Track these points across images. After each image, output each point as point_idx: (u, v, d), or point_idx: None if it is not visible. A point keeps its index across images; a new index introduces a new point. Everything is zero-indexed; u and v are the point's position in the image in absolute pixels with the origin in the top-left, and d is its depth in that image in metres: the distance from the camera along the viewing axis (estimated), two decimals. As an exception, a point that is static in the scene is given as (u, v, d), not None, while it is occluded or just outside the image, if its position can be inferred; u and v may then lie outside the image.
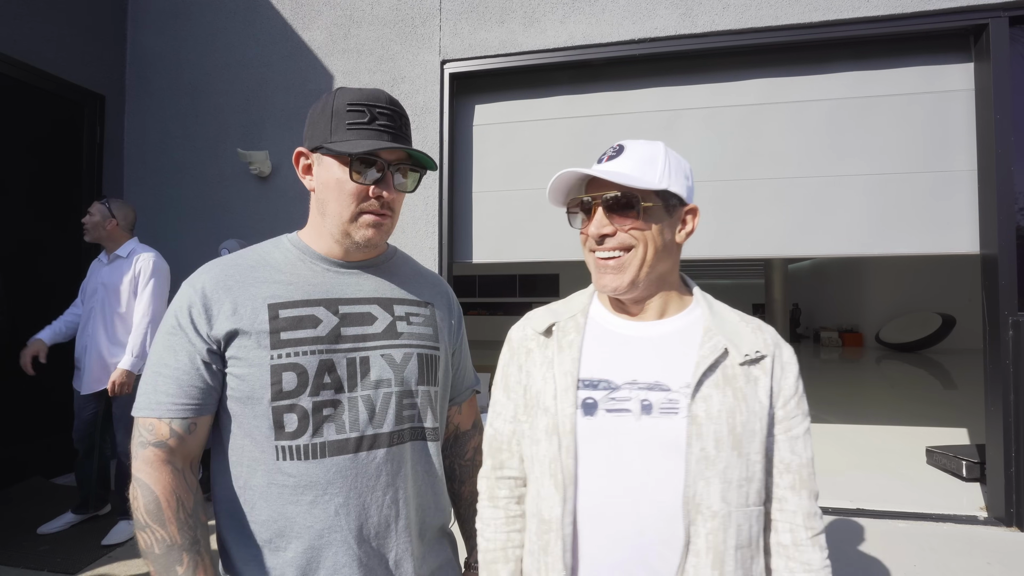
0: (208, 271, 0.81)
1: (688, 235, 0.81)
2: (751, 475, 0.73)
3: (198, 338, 0.76)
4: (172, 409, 0.75)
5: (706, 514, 0.71)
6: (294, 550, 0.77)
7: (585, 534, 0.75)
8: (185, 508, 0.74)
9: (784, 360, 0.79)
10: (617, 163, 0.78)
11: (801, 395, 0.78)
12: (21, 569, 2.34)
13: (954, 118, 2.81)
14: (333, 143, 0.79)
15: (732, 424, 0.73)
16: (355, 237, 0.83)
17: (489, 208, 3.40)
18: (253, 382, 0.76)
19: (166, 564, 0.72)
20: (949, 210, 2.81)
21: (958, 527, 2.63)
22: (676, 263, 0.84)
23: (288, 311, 0.79)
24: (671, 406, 0.74)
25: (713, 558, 0.71)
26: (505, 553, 0.85)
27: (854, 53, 2.91)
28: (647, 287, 0.80)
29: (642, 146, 0.80)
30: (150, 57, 3.77)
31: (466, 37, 3.26)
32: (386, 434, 0.82)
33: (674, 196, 0.79)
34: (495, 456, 0.89)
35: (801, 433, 0.78)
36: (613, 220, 0.77)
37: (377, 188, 0.82)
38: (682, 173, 0.80)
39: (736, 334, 0.78)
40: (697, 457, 0.71)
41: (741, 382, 0.75)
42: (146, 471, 0.74)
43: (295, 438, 0.77)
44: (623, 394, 0.76)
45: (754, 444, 0.74)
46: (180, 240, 3.61)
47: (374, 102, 0.81)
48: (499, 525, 0.87)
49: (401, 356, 0.85)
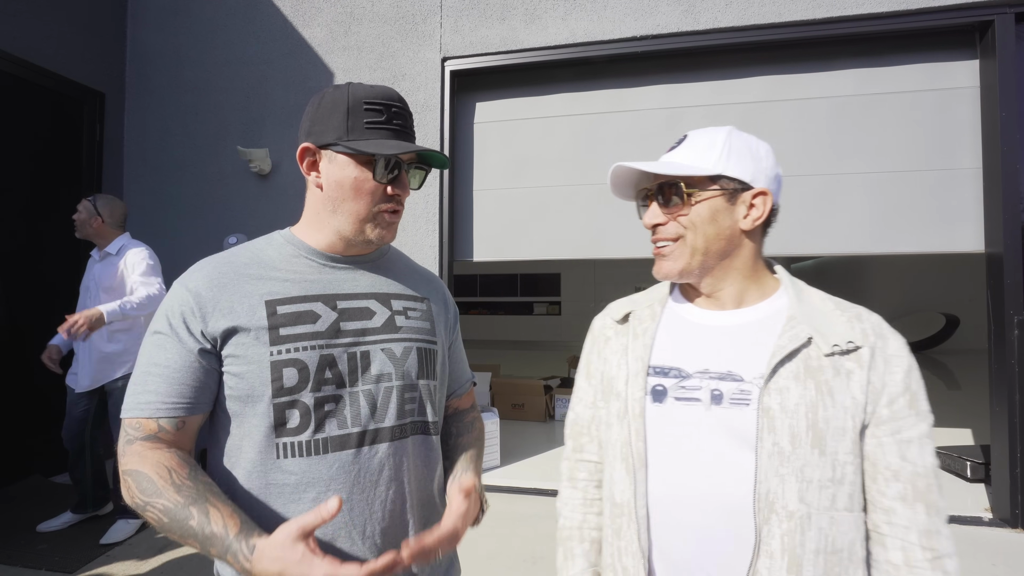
0: (200, 269, 0.80)
1: (758, 220, 0.76)
2: (839, 477, 0.68)
3: (190, 337, 0.75)
4: (161, 408, 0.74)
5: (782, 514, 0.67)
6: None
7: (656, 521, 0.75)
8: (177, 474, 0.72)
9: (889, 353, 0.71)
10: (676, 152, 0.79)
11: (916, 394, 0.70)
12: (19, 568, 2.33)
13: (959, 116, 2.79)
14: (352, 141, 0.78)
15: (813, 419, 0.68)
16: (370, 235, 0.83)
17: (490, 206, 3.38)
18: (253, 379, 0.75)
19: (180, 527, 0.70)
20: (954, 208, 2.79)
21: (962, 528, 2.61)
22: (749, 250, 0.78)
23: (286, 307, 0.78)
24: (743, 397, 0.72)
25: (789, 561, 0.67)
26: (581, 532, 0.89)
27: (858, 50, 2.89)
28: (709, 275, 0.79)
29: (703, 133, 0.79)
30: (150, 54, 3.76)
31: (467, 34, 3.24)
32: (388, 428, 0.81)
33: (734, 180, 0.75)
34: (576, 439, 0.93)
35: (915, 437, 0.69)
36: (664, 210, 0.78)
37: (395, 188, 0.82)
38: (748, 155, 0.76)
39: (826, 323, 0.73)
40: (769, 452, 0.68)
41: (828, 375, 0.70)
42: (134, 461, 0.72)
43: (297, 434, 0.76)
44: (693, 383, 0.75)
45: (843, 443, 0.68)
46: (180, 238, 3.60)
47: (390, 101, 0.81)
48: (576, 505, 0.91)
49: (401, 350, 0.85)
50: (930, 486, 0.68)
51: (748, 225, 0.76)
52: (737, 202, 0.76)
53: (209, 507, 0.70)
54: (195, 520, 0.69)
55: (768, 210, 0.76)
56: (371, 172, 0.79)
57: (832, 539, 0.67)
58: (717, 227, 0.76)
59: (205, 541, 0.68)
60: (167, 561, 2.40)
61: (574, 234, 3.25)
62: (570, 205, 3.25)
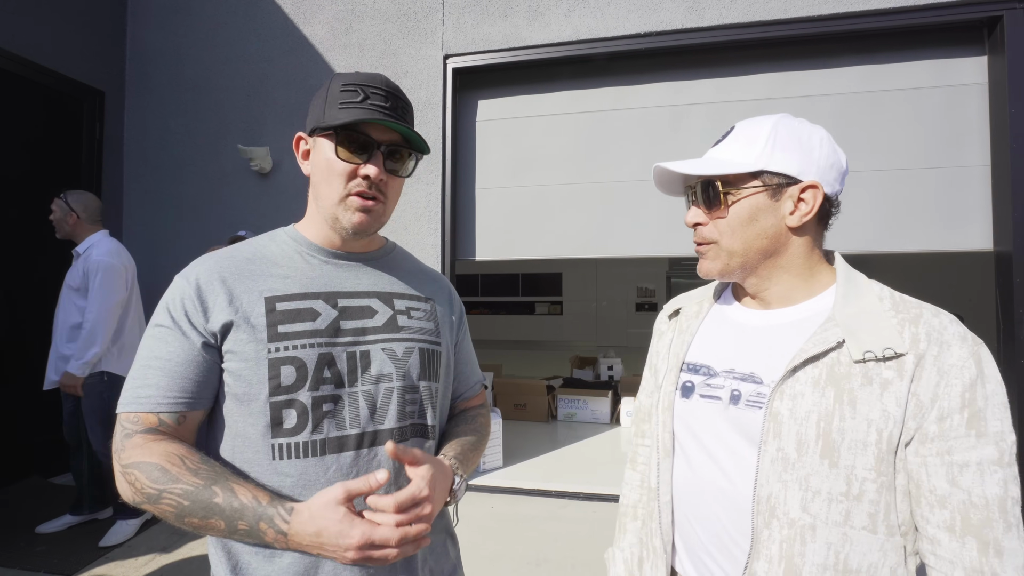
0: (202, 263, 0.78)
1: (807, 216, 0.71)
2: (856, 493, 0.63)
3: (193, 330, 0.73)
4: (163, 403, 0.72)
5: (783, 520, 0.66)
6: (292, 555, 0.73)
7: (678, 507, 0.79)
8: (190, 459, 0.70)
9: (948, 363, 0.62)
10: (719, 148, 0.77)
11: (980, 412, 0.60)
12: (17, 570, 2.31)
13: (967, 112, 2.76)
14: (324, 122, 0.77)
15: (825, 429, 0.64)
16: (343, 221, 0.79)
17: (492, 205, 3.35)
18: (250, 377, 0.73)
19: (203, 508, 0.66)
20: (961, 206, 2.75)
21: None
22: (800, 247, 0.74)
23: (285, 304, 0.77)
24: (758, 399, 0.71)
25: (786, 569, 0.65)
26: (634, 511, 0.95)
27: (864, 46, 2.86)
28: (753, 274, 0.77)
29: (749, 125, 0.75)
30: (150, 52, 3.73)
31: (469, 31, 3.22)
32: (387, 430, 0.79)
33: (778, 175, 0.71)
34: (638, 425, 0.99)
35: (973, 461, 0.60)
36: (705, 210, 0.77)
37: (364, 168, 0.77)
38: (795, 146, 0.71)
39: (868, 326, 0.66)
40: (772, 457, 0.67)
41: (855, 383, 0.64)
42: (138, 454, 0.69)
43: (293, 435, 0.74)
44: (718, 381, 0.77)
45: (863, 458, 0.63)
46: (180, 237, 3.57)
47: (368, 83, 0.79)
48: (634, 486, 0.97)
49: (403, 350, 0.83)
50: (989, 521, 0.58)
51: (796, 222, 0.72)
52: (783, 198, 0.72)
53: (233, 484, 0.68)
54: (220, 497, 0.66)
55: (818, 204, 0.71)
56: (341, 151, 0.77)
57: (844, 557, 0.63)
58: (758, 227, 0.73)
59: (233, 515, 0.66)
60: (165, 564, 2.37)
61: (577, 233, 3.23)
62: (573, 204, 3.23)
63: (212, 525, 0.67)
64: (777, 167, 0.71)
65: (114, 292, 2.53)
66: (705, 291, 0.91)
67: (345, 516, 0.64)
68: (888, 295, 0.72)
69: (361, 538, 0.63)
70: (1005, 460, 0.60)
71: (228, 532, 0.67)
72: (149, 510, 0.69)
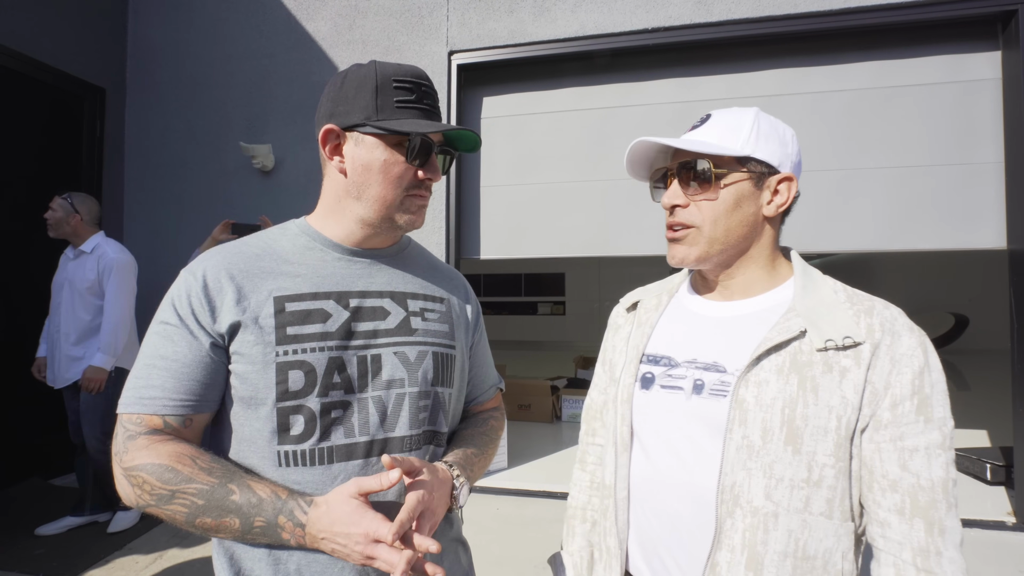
0: (210, 258, 0.74)
1: (781, 207, 0.74)
2: (815, 479, 0.64)
3: (200, 329, 0.70)
4: (168, 405, 0.68)
5: (746, 508, 0.66)
6: (296, 562, 0.70)
7: (634, 503, 0.77)
8: (202, 459, 0.68)
9: (899, 353, 0.65)
10: (699, 131, 0.76)
11: (928, 398, 0.64)
12: (17, 573, 2.28)
13: (980, 108, 2.71)
14: (382, 121, 0.73)
15: (790, 416, 0.65)
16: (399, 221, 0.78)
17: (497, 203, 3.32)
18: (256, 381, 0.70)
19: (219, 506, 0.64)
20: (974, 204, 2.71)
21: (985, 533, 2.54)
22: (768, 238, 0.76)
23: (295, 304, 0.73)
24: (722, 388, 0.71)
25: (749, 558, 0.65)
26: (583, 513, 0.93)
27: (875, 42, 2.82)
28: (725, 263, 0.77)
29: (730, 113, 0.76)
30: (151, 49, 3.70)
31: (474, 27, 3.18)
32: (398, 438, 0.76)
33: (761, 164, 0.72)
34: (588, 423, 0.96)
35: (921, 446, 0.63)
36: (687, 191, 0.75)
37: (426, 171, 0.76)
38: (775, 139, 0.73)
39: (827, 316, 0.69)
40: (738, 444, 0.67)
41: (816, 371, 0.66)
42: (144, 455, 0.66)
43: (300, 442, 0.70)
44: (680, 372, 0.76)
45: (823, 444, 0.65)
46: (182, 236, 3.53)
47: (419, 79, 0.76)
48: (583, 487, 0.95)
49: (415, 354, 0.79)
50: (934, 502, 0.62)
51: (771, 211, 0.74)
52: (763, 187, 0.74)
53: (249, 481, 0.66)
54: (237, 495, 0.65)
55: (792, 197, 0.74)
56: (402, 154, 0.74)
57: (804, 544, 0.64)
58: (741, 213, 0.74)
59: (251, 512, 0.64)
60: (168, 567, 2.34)
61: (583, 231, 3.19)
62: (579, 202, 3.19)
63: (226, 525, 0.65)
64: (762, 155, 0.72)
65: (132, 288, 2.63)
66: (664, 284, 0.90)
67: (358, 507, 0.64)
68: (841, 288, 0.74)
69: (369, 527, 0.62)
70: (947, 444, 0.64)
71: (242, 531, 0.65)
72: (155, 514, 0.66)
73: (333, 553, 0.65)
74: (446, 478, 0.76)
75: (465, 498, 0.78)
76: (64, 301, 2.59)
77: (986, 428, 4.33)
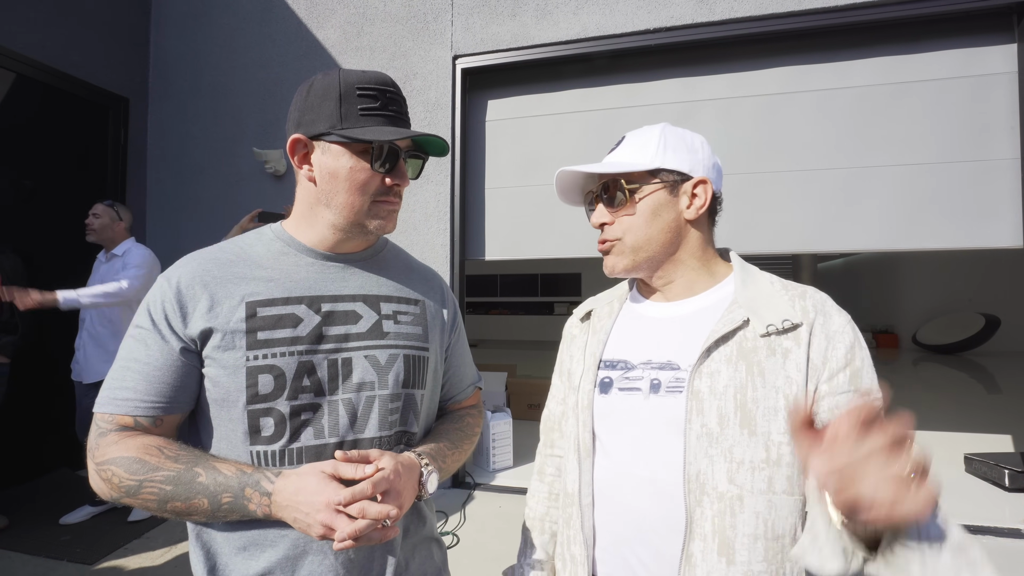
0: (185, 265, 0.77)
1: (701, 209, 0.78)
2: (774, 458, 0.67)
3: (172, 334, 0.73)
4: (140, 406, 0.72)
5: (712, 495, 0.68)
6: (267, 559, 0.73)
7: (599, 508, 0.78)
8: (169, 449, 0.71)
9: (832, 330, 0.70)
10: (614, 154, 0.82)
11: (859, 369, 0.68)
12: (43, 558, 2.41)
13: (994, 103, 2.63)
14: (346, 129, 0.74)
15: (742, 400, 0.68)
16: (369, 227, 0.80)
17: (502, 205, 3.35)
18: (228, 384, 0.73)
19: (186, 489, 0.68)
20: (989, 201, 2.63)
21: (1001, 541, 2.46)
22: (696, 240, 0.80)
23: (267, 309, 0.75)
24: (678, 384, 0.73)
25: (720, 543, 0.67)
26: (542, 524, 0.95)
27: (883, 37, 2.76)
28: (659, 268, 0.81)
29: (639, 132, 0.82)
30: (171, 59, 3.85)
31: (478, 31, 3.22)
32: (367, 439, 0.78)
33: (673, 172, 0.77)
34: (547, 435, 0.98)
35: None
36: (610, 209, 0.81)
37: (393, 178, 0.78)
38: (683, 147, 0.78)
39: (766, 304, 0.74)
40: (697, 434, 0.70)
41: (761, 355, 0.70)
42: (113, 450, 0.70)
43: (271, 443, 0.73)
44: (637, 373, 0.78)
45: (776, 423, 0.68)
46: (200, 241, 3.67)
47: (384, 86, 0.77)
48: (541, 498, 0.96)
49: (386, 357, 0.81)
50: None
51: (692, 215, 0.78)
52: (679, 193, 0.78)
53: (215, 463, 0.70)
54: (204, 476, 0.68)
55: (710, 198, 0.78)
56: (367, 161, 0.76)
57: (772, 524, 0.66)
58: (661, 221, 0.78)
59: (217, 489, 0.68)
60: (183, 555, 2.44)
61: (587, 231, 3.20)
62: (582, 202, 3.20)
63: (195, 507, 0.68)
64: (671, 165, 0.77)
65: (142, 277, 2.68)
66: (614, 292, 0.93)
67: (324, 478, 0.67)
68: (777, 279, 0.79)
69: (332, 496, 0.65)
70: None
71: (212, 510, 0.68)
72: (129, 503, 0.70)
73: (294, 523, 0.67)
74: (413, 464, 0.76)
75: (434, 486, 0.79)
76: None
77: (1011, 433, 4.17)
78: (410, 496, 0.74)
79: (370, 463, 0.70)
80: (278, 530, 0.73)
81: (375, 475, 0.68)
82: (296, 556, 0.74)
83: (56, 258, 3.35)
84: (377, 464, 0.70)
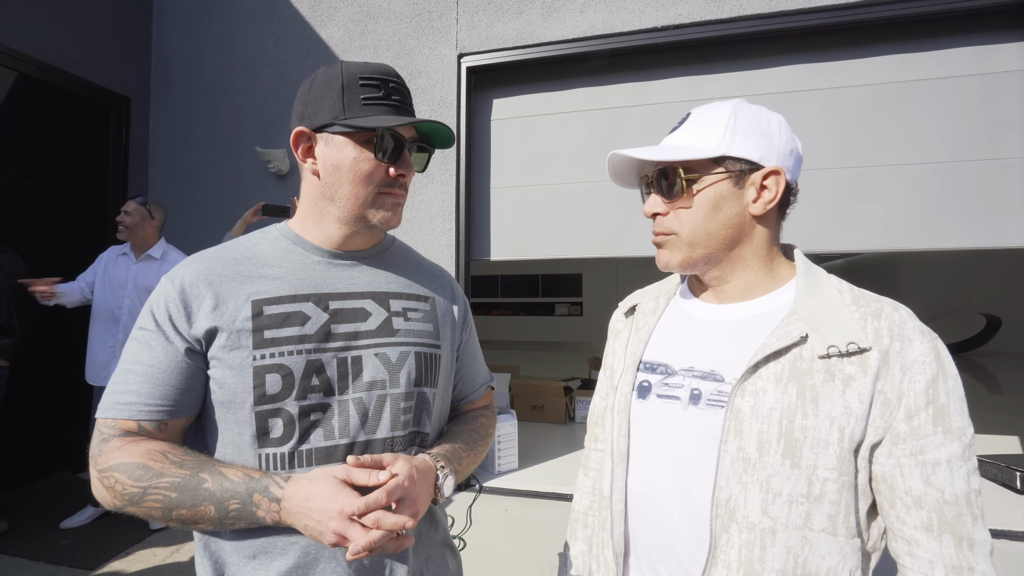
0: (189, 264, 0.75)
1: (770, 204, 0.69)
2: (816, 494, 0.61)
3: (176, 335, 0.70)
4: (143, 410, 0.69)
5: (742, 524, 0.63)
6: (278, 568, 0.71)
7: (632, 516, 0.75)
8: (173, 454, 0.68)
9: (909, 360, 0.61)
10: (676, 134, 0.73)
11: (944, 408, 0.60)
12: (43, 563, 2.37)
13: (1007, 102, 2.61)
14: (349, 119, 0.73)
15: (788, 427, 0.62)
16: (373, 220, 0.77)
17: (507, 204, 3.32)
18: (235, 385, 0.70)
19: (192, 495, 0.65)
20: (1000, 201, 2.60)
21: (1014, 545, 2.43)
22: (762, 237, 0.71)
23: (273, 308, 0.73)
24: (719, 398, 0.67)
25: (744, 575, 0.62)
26: (585, 518, 0.93)
27: (895, 34, 2.74)
28: (716, 266, 0.73)
29: (707, 110, 0.72)
30: (174, 59, 3.82)
31: (483, 30, 3.19)
32: (379, 440, 0.75)
33: (740, 161, 0.68)
34: (591, 429, 0.97)
35: (943, 459, 0.60)
36: (665, 199, 0.72)
37: (398, 168, 0.76)
38: (756, 131, 0.68)
39: (830, 320, 0.64)
40: (733, 457, 0.64)
41: (817, 379, 0.62)
42: (117, 456, 0.67)
43: (280, 445, 0.71)
44: (677, 380, 0.73)
45: (824, 458, 0.61)
46: (202, 240, 3.64)
47: (387, 76, 0.75)
48: (585, 492, 0.95)
49: (397, 355, 0.78)
50: (960, 516, 0.59)
51: (759, 209, 0.69)
52: (746, 184, 0.69)
53: (221, 468, 0.67)
54: (210, 482, 0.65)
55: (782, 191, 0.69)
56: (371, 151, 0.74)
57: (803, 561, 0.61)
58: (723, 216, 0.70)
59: (224, 496, 0.65)
60: (185, 560, 2.41)
61: (593, 232, 3.17)
62: (589, 202, 3.17)
63: (202, 514, 0.65)
64: (739, 152, 0.68)
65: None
66: (662, 286, 0.87)
67: (337, 484, 0.64)
68: (847, 289, 0.70)
69: (345, 504, 0.62)
70: (967, 454, 0.61)
71: (219, 518, 0.65)
72: (132, 513, 0.67)
73: (305, 531, 0.65)
74: (428, 468, 0.74)
75: (450, 490, 0.77)
76: (127, 302, 2.64)
77: (1018, 434, 4.14)
78: (425, 502, 0.72)
79: (384, 468, 0.68)
80: (288, 537, 0.70)
81: (389, 483, 0.65)
82: (307, 564, 0.71)
83: (57, 258, 3.32)
84: (391, 470, 0.67)
